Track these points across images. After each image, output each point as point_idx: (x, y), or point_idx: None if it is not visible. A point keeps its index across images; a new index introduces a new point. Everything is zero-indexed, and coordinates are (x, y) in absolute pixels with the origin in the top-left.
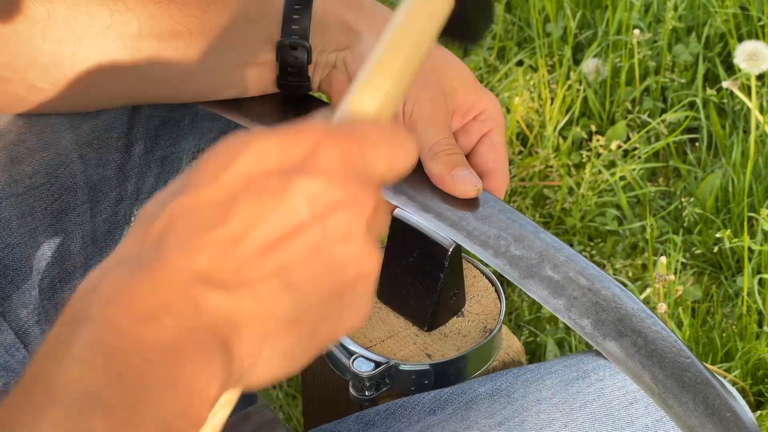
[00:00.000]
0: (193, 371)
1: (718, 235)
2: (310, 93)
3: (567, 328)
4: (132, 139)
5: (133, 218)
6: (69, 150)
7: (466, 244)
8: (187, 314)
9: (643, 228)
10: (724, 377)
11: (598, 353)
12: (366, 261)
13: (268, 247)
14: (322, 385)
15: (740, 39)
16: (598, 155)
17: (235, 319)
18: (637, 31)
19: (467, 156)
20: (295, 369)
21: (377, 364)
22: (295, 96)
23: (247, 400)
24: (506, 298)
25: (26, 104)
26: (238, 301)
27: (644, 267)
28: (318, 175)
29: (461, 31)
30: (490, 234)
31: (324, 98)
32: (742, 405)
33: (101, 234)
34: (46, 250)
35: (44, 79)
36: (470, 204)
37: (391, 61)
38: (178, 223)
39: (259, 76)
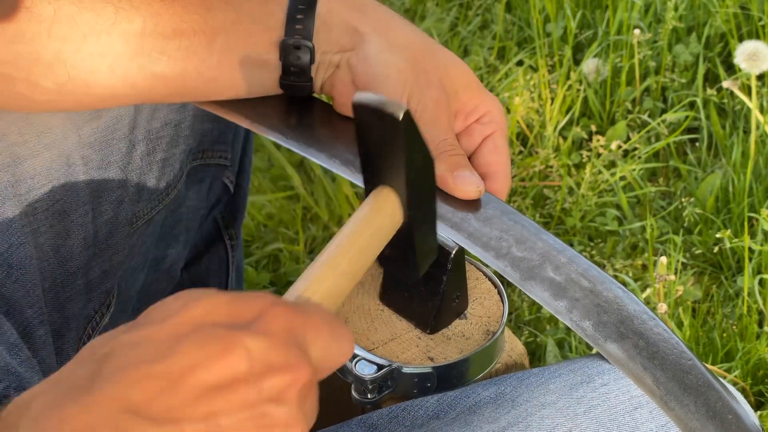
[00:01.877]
0: None
1: (718, 235)
2: (313, 94)
3: (567, 329)
4: (133, 141)
5: (134, 219)
6: (71, 151)
7: (468, 246)
8: None
9: (644, 228)
10: (725, 377)
11: (602, 357)
12: (293, 426)
13: (203, 393)
14: (324, 388)
15: (740, 39)
16: (598, 155)
17: None
18: (637, 31)
19: (469, 158)
20: None
21: (380, 367)
22: (297, 97)
23: None
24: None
25: (29, 102)
26: None
27: (644, 267)
28: (262, 336)
29: (403, 266)
30: (491, 235)
31: (326, 99)
32: (744, 408)
33: (102, 235)
34: (48, 251)
35: (48, 77)
36: (472, 205)
37: (338, 261)
38: (118, 353)
39: (261, 76)
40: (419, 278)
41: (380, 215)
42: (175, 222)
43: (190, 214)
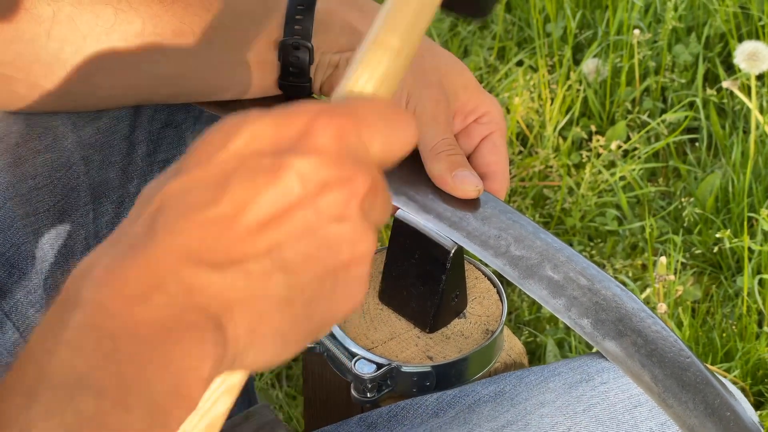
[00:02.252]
0: (185, 350)
1: (718, 235)
2: (312, 95)
3: (567, 328)
4: (134, 142)
5: None
6: (71, 152)
7: (466, 245)
8: (179, 294)
9: (643, 228)
10: (724, 377)
11: (601, 356)
12: (360, 242)
13: (260, 227)
14: (323, 387)
15: (740, 39)
16: (598, 155)
17: (228, 298)
18: (637, 31)
19: (468, 158)
20: (291, 352)
21: (379, 366)
22: (296, 98)
23: (247, 400)
24: (506, 299)
25: (29, 102)
26: (230, 281)
27: (644, 267)
28: (311, 155)
29: (468, 3)
30: (490, 234)
31: (326, 100)
32: (743, 405)
33: (104, 235)
34: (49, 251)
35: (47, 78)
36: (470, 204)
37: (388, 37)
38: (170, 204)
39: (260, 76)
40: (486, 16)
41: None
42: None
43: None
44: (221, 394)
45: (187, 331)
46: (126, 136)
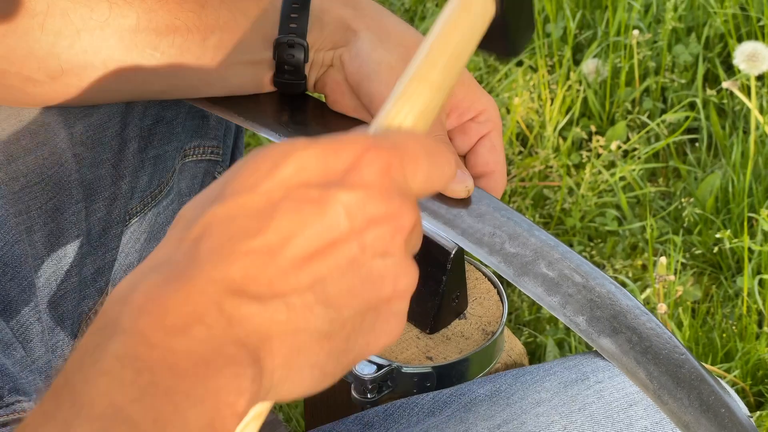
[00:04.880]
0: (222, 385)
1: (718, 236)
2: (306, 92)
3: (567, 329)
4: (125, 138)
5: (127, 217)
6: (63, 149)
7: (461, 242)
8: (219, 326)
9: (643, 228)
10: (724, 378)
11: (597, 354)
12: (403, 277)
13: (305, 260)
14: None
15: (740, 39)
16: (598, 156)
17: (267, 332)
18: (636, 32)
19: (465, 156)
20: (326, 384)
21: (379, 367)
22: (290, 95)
23: None
24: (506, 299)
25: (21, 96)
26: (271, 313)
27: (644, 267)
28: (358, 189)
29: (500, 43)
30: (484, 232)
31: (320, 98)
32: (736, 401)
33: (96, 233)
34: (41, 249)
35: (40, 72)
36: (465, 202)
37: (429, 72)
38: (214, 231)
39: (255, 74)
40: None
41: (470, 12)
42: (167, 219)
43: None
44: (252, 419)
45: (226, 365)
46: (118, 132)
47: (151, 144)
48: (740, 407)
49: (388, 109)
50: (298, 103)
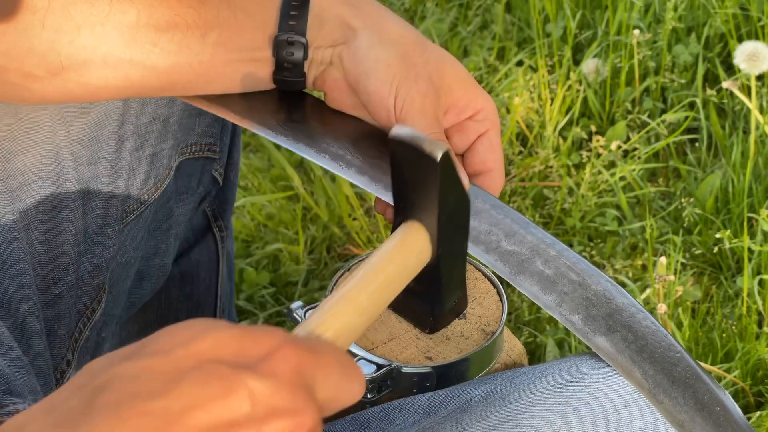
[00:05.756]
0: None
1: (718, 236)
2: (304, 90)
3: (567, 329)
4: (122, 136)
5: (124, 214)
6: (60, 147)
7: None
8: None
9: (643, 228)
10: (724, 378)
11: (592, 356)
12: None
13: None
14: None
15: (740, 39)
16: (598, 155)
17: None
18: (636, 32)
19: (463, 155)
20: None
21: (379, 367)
22: (288, 92)
23: None
24: (506, 299)
25: (21, 92)
26: None
27: (644, 267)
28: (268, 378)
29: (424, 300)
30: (481, 229)
31: (318, 95)
32: (730, 399)
33: (93, 231)
34: (39, 247)
35: (40, 68)
36: None
37: (359, 295)
38: (115, 386)
39: (254, 71)
40: (440, 319)
41: (407, 251)
42: (165, 216)
43: (179, 208)
44: None
45: None
46: (114, 131)
47: (147, 142)
48: (735, 406)
49: (313, 318)
50: (295, 101)
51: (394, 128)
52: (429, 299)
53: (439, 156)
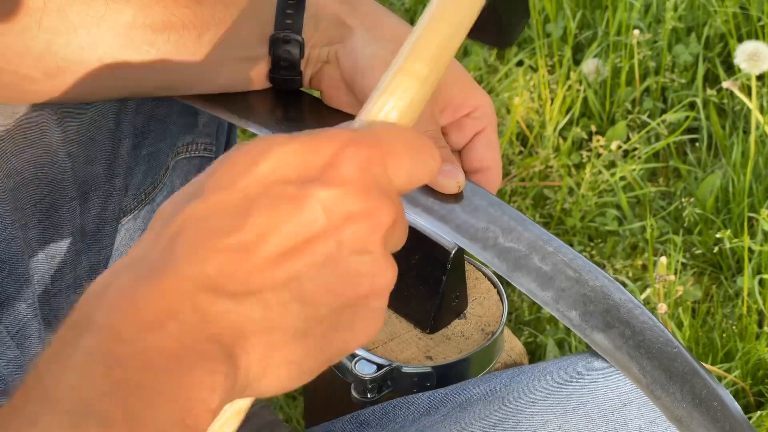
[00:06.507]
0: (195, 381)
1: (718, 236)
2: (301, 89)
3: (567, 329)
4: (119, 136)
5: (121, 214)
6: (56, 147)
7: (455, 238)
8: (193, 322)
9: (643, 228)
10: (724, 378)
11: (591, 354)
12: (381, 274)
13: (281, 257)
14: (324, 387)
15: (740, 39)
16: (598, 155)
17: (242, 329)
18: (637, 32)
19: (460, 152)
20: (305, 380)
21: (379, 367)
22: (284, 91)
23: None
24: (506, 299)
25: (18, 94)
26: (247, 311)
27: (644, 267)
28: (336, 186)
29: (492, 32)
30: (478, 227)
31: (315, 93)
32: (728, 394)
33: (90, 230)
34: (36, 247)
35: (37, 69)
36: (458, 197)
37: (415, 64)
38: (189, 228)
39: (251, 70)
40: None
41: (459, 1)
42: None
43: None
44: (230, 416)
45: (199, 361)
46: (111, 130)
47: (144, 141)
48: (733, 401)
49: (372, 103)
50: (292, 100)
51: None
52: (493, 32)
53: None
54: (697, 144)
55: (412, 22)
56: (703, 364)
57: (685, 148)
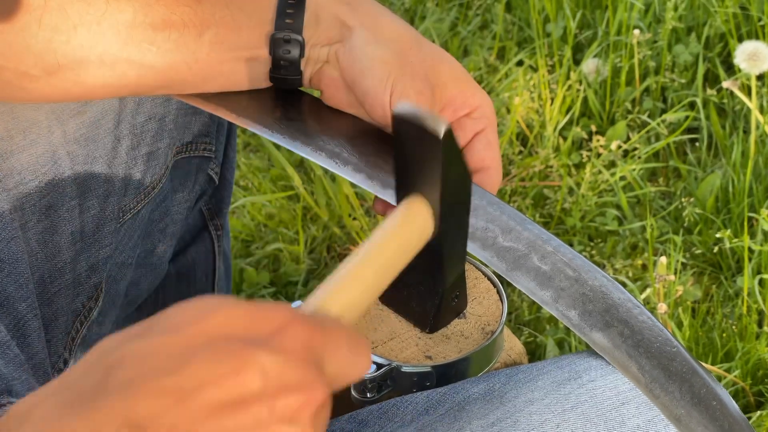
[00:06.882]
0: None
1: (718, 235)
2: (301, 88)
3: (567, 329)
4: (118, 136)
5: (120, 213)
6: (56, 147)
7: None
8: None
9: (643, 228)
10: (724, 378)
11: (590, 354)
12: None
13: (213, 411)
14: None
15: (740, 39)
16: (598, 155)
17: None
18: (637, 32)
19: None
20: None
21: (379, 366)
22: (284, 90)
23: None
24: (506, 299)
25: (18, 92)
26: None
27: (644, 267)
28: (279, 353)
29: (431, 269)
30: (477, 226)
31: (315, 93)
32: (726, 393)
33: (89, 230)
34: (36, 246)
35: (37, 67)
36: None
37: (362, 271)
38: (128, 364)
39: (251, 70)
40: (443, 292)
41: (411, 226)
42: (161, 215)
43: (175, 207)
44: None
45: None
46: (110, 130)
47: (143, 141)
48: (732, 400)
49: (319, 294)
50: (292, 99)
51: (397, 105)
52: (431, 278)
53: (442, 132)
54: (697, 144)
55: (412, 22)
56: (703, 363)
57: (685, 148)
